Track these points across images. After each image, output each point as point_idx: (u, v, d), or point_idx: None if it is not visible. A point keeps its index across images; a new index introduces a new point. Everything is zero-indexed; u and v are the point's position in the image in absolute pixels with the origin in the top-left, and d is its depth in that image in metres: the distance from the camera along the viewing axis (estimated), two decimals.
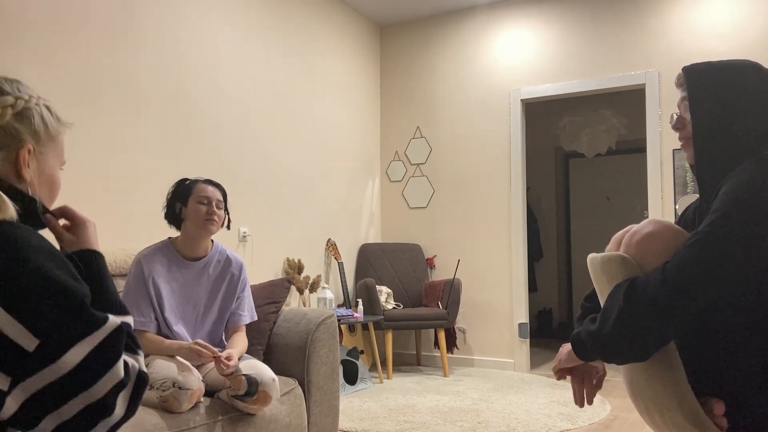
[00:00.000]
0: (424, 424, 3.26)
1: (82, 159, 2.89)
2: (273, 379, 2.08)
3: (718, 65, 1.34)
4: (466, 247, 5.05)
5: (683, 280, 1.14)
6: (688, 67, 1.37)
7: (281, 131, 4.25)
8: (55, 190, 1.08)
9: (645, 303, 1.16)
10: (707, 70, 1.34)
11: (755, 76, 1.30)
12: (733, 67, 1.32)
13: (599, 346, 1.25)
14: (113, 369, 0.92)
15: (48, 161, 1.05)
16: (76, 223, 1.08)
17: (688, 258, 1.15)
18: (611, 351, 1.23)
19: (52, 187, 1.07)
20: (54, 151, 1.06)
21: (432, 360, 5.13)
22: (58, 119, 1.07)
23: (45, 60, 2.73)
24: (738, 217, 1.14)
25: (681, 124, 1.38)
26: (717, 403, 1.18)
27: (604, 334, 1.22)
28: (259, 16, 4.06)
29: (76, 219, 1.09)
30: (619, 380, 4.42)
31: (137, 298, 2.14)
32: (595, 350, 1.27)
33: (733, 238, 1.13)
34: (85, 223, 1.08)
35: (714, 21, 4.22)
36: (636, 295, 1.18)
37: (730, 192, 1.18)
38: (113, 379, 0.91)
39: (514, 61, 4.91)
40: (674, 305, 1.14)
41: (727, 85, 1.31)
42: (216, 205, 2.24)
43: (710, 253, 1.14)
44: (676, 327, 1.16)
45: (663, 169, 4.35)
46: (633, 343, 1.19)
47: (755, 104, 1.28)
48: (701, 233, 1.16)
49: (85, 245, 1.06)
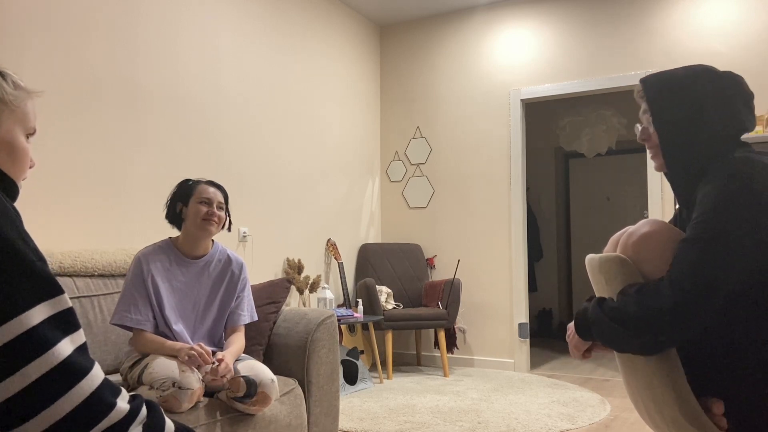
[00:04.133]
0: (424, 424, 3.26)
1: (82, 159, 2.89)
2: (272, 380, 2.08)
3: (674, 74, 1.37)
4: (466, 247, 5.05)
5: (691, 290, 1.15)
6: (645, 78, 1.40)
7: (281, 131, 4.25)
8: (16, 155, 1.07)
9: (658, 319, 1.18)
10: (665, 79, 1.37)
11: (712, 80, 1.33)
12: (689, 74, 1.35)
13: (606, 339, 1.27)
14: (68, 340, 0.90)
15: (2, 125, 1.05)
16: None
17: (685, 268, 1.17)
18: (618, 346, 1.26)
19: (12, 152, 1.06)
20: (11, 117, 1.06)
21: (432, 360, 5.13)
22: (17, 86, 1.08)
23: (45, 60, 2.73)
24: (718, 218, 1.17)
25: (646, 135, 1.41)
26: (717, 403, 1.18)
27: (617, 332, 1.24)
28: (258, 16, 4.06)
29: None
30: (619, 380, 4.42)
31: (135, 297, 2.14)
32: (600, 339, 1.30)
33: (719, 239, 1.16)
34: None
35: (714, 21, 4.22)
36: (648, 309, 1.20)
37: (707, 197, 1.20)
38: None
39: (514, 61, 4.91)
40: (688, 316, 1.16)
41: (686, 92, 1.33)
42: (216, 206, 2.24)
43: (704, 258, 1.16)
44: (693, 331, 1.19)
45: None
46: (645, 345, 1.21)
47: (716, 107, 1.31)
48: (688, 240, 1.19)
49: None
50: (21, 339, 0.86)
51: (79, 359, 0.90)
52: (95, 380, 0.91)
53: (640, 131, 1.42)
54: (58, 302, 0.92)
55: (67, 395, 0.87)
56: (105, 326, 2.44)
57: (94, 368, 0.92)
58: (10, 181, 1.06)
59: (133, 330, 2.13)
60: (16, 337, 0.86)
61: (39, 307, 0.89)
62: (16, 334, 0.86)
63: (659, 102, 1.36)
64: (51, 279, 0.92)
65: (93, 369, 0.92)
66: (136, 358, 2.11)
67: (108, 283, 2.53)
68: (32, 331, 0.87)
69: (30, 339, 0.87)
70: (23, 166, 1.08)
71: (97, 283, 2.49)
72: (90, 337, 2.39)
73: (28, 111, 1.09)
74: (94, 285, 2.48)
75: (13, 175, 1.07)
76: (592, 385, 4.27)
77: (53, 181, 2.75)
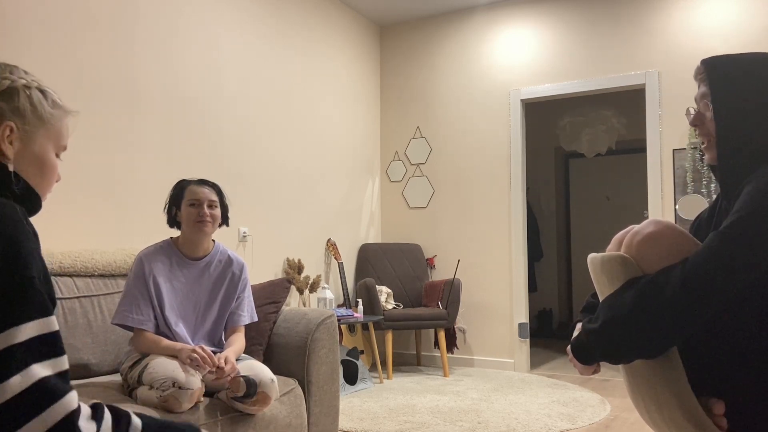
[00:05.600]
0: (424, 424, 3.26)
1: (82, 159, 2.89)
2: (272, 380, 2.08)
3: (741, 59, 1.26)
4: (466, 247, 5.05)
5: (705, 279, 1.10)
6: (708, 60, 1.29)
7: (281, 131, 4.25)
8: (47, 171, 1.10)
9: (663, 303, 1.13)
10: (729, 63, 1.26)
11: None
12: (757, 60, 1.25)
13: (604, 342, 1.21)
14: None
15: (36, 141, 1.08)
16: None
17: (708, 257, 1.11)
18: (617, 348, 1.19)
19: (42, 168, 1.09)
20: (46, 134, 1.09)
21: (432, 360, 5.13)
22: (55, 104, 1.12)
23: (45, 60, 2.73)
24: (758, 219, 1.10)
25: (700, 121, 1.31)
26: (717, 403, 1.18)
27: (610, 332, 1.19)
28: (258, 16, 4.06)
29: None
30: (619, 380, 4.42)
31: (137, 297, 2.14)
32: (597, 348, 1.23)
33: (753, 239, 1.10)
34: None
35: (714, 21, 4.22)
36: (653, 295, 1.15)
37: (753, 193, 1.13)
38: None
39: (514, 61, 4.91)
40: (694, 305, 1.11)
41: (751, 81, 1.23)
42: (208, 205, 2.24)
43: (730, 253, 1.10)
44: (694, 326, 1.13)
45: (663, 169, 4.35)
46: (643, 342, 1.15)
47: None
48: (722, 233, 1.12)
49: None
50: (4, 354, 0.86)
51: (56, 383, 0.89)
52: (68, 407, 0.89)
53: (694, 115, 1.31)
54: (46, 324, 0.91)
55: (39, 418, 0.86)
56: (105, 326, 2.44)
57: (68, 396, 0.90)
58: (35, 195, 1.09)
59: (134, 330, 2.14)
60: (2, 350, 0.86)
61: (29, 325, 0.89)
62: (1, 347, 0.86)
63: (722, 88, 1.24)
64: (45, 299, 0.92)
65: (67, 396, 0.90)
66: (136, 358, 2.11)
67: (108, 283, 2.53)
68: (16, 347, 0.87)
69: (12, 356, 0.86)
70: (50, 182, 1.12)
71: (97, 283, 2.49)
72: (90, 337, 2.39)
73: (63, 129, 1.13)
74: (94, 285, 2.48)
75: (40, 190, 1.10)
76: (592, 385, 4.27)
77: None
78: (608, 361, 1.23)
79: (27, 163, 1.07)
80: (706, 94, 1.29)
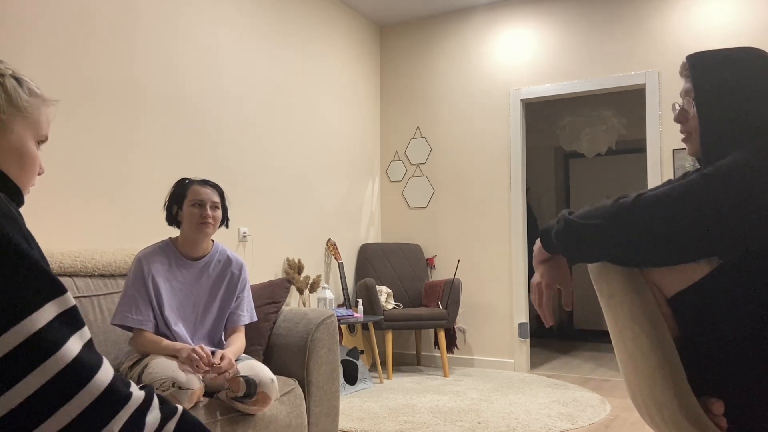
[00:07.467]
0: (424, 424, 3.26)
1: (82, 159, 2.89)
2: (272, 380, 2.08)
3: (723, 54, 1.26)
4: (466, 247, 5.05)
5: (646, 204, 1.12)
6: (692, 55, 1.29)
7: (281, 131, 4.25)
8: (26, 162, 1.07)
9: (609, 210, 1.15)
10: (712, 58, 1.26)
11: (762, 64, 1.23)
12: (739, 56, 1.25)
13: (561, 233, 1.22)
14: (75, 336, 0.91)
15: (14, 131, 1.05)
16: None
17: (662, 192, 1.12)
18: (567, 239, 1.21)
19: (21, 159, 1.06)
20: (24, 123, 1.06)
21: (432, 360, 5.13)
22: (32, 92, 1.08)
23: (44, 60, 2.73)
24: (715, 182, 1.10)
25: (684, 117, 1.31)
26: (717, 403, 1.18)
27: (577, 225, 1.20)
28: (258, 16, 4.06)
29: None
30: (619, 380, 4.43)
31: (136, 297, 2.14)
32: (556, 235, 1.24)
33: (728, 182, 1.09)
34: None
35: (714, 21, 4.22)
36: (626, 204, 1.16)
37: (730, 159, 1.13)
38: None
39: (514, 61, 4.91)
40: (624, 220, 1.13)
41: (734, 75, 1.23)
42: (211, 206, 2.24)
43: (682, 195, 1.10)
44: (616, 243, 1.14)
45: (663, 169, 4.35)
46: (581, 240, 1.18)
47: (764, 95, 1.21)
48: (702, 174, 1.12)
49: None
50: (33, 339, 0.87)
51: (89, 355, 0.92)
52: (108, 373, 0.93)
53: (678, 111, 1.31)
54: (63, 301, 0.92)
55: (84, 391, 0.89)
56: (105, 326, 2.44)
57: (104, 363, 0.94)
58: (15, 187, 1.06)
59: (134, 330, 2.14)
60: (28, 337, 0.87)
61: (47, 306, 0.90)
62: (27, 334, 0.87)
63: (706, 83, 1.24)
64: (55, 278, 0.93)
65: (103, 364, 0.93)
66: (136, 358, 2.11)
67: (108, 283, 2.53)
68: (43, 330, 0.88)
69: (41, 338, 0.87)
70: (31, 173, 1.09)
71: (97, 283, 2.50)
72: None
73: (42, 118, 1.10)
74: (94, 285, 2.48)
75: (20, 182, 1.07)
76: (592, 385, 4.27)
77: (53, 181, 2.75)
78: (562, 252, 1.24)
79: (4, 154, 1.04)
80: (689, 91, 1.30)
